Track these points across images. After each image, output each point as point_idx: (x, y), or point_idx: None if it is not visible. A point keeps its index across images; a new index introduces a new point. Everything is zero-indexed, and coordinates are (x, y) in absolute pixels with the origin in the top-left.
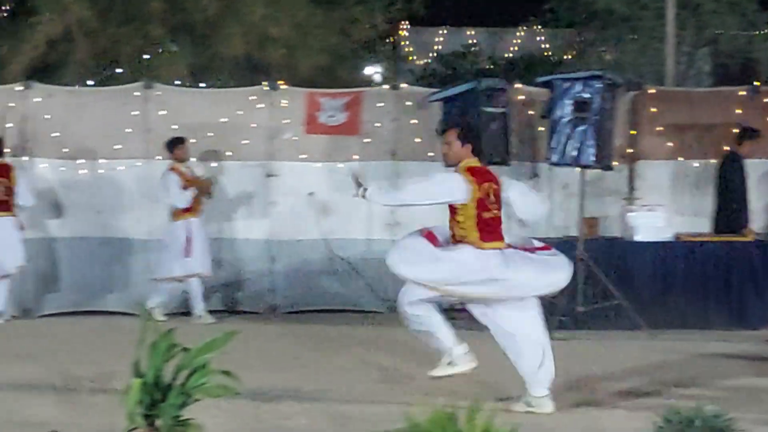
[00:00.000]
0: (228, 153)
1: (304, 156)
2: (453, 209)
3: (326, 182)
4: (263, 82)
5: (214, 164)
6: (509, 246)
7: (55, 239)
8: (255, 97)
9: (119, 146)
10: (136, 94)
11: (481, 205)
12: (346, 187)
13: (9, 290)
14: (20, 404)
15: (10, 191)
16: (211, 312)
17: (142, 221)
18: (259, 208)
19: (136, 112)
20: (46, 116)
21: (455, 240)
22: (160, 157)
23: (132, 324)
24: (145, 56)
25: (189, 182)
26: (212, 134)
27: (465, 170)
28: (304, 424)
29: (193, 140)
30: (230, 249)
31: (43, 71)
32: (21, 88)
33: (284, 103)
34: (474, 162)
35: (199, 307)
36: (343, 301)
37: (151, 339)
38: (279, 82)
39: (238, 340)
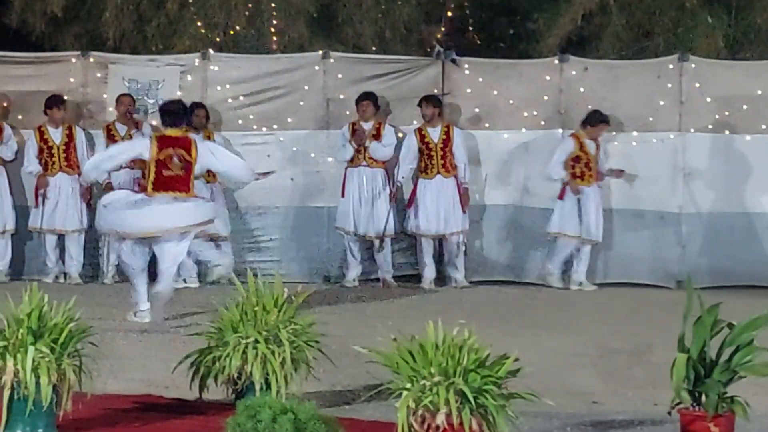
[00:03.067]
0: (764, 126)
1: None
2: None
3: None
4: None
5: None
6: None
7: None
8: None
9: (652, 118)
10: (670, 66)
11: (161, 164)
12: None
13: None
14: (564, 374)
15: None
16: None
17: (676, 193)
18: None
19: (670, 85)
20: (580, 89)
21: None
22: (693, 130)
23: (664, 296)
24: (680, 28)
25: None
26: (746, 107)
27: (154, 137)
28: None
29: (727, 113)
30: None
31: (578, 44)
32: (557, 61)
33: None
34: (171, 132)
35: None
36: None
37: (696, 313)
38: None
39: None
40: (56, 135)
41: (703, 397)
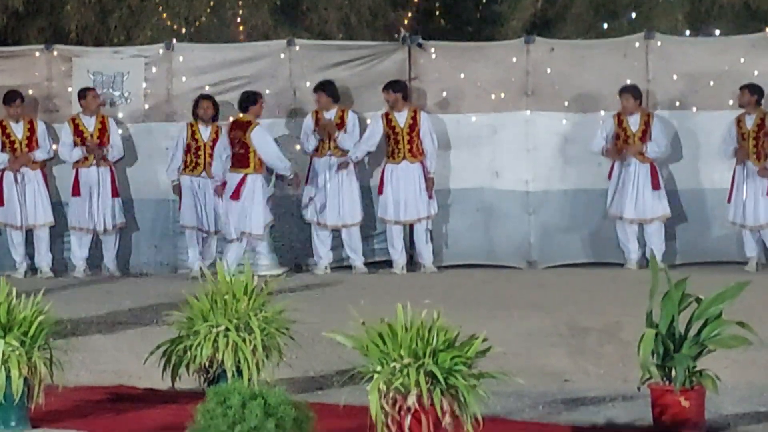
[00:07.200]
0: (731, 101)
1: None
2: None
3: None
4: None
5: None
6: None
7: (556, 192)
8: (756, 46)
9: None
10: (636, 44)
11: (231, 144)
12: None
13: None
14: (535, 353)
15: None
16: None
17: None
18: None
19: (637, 63)
20: (547, 70)
21: None
22: (660, 107)
23: (633, 275)
24: (643, 6)
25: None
26: (713, 83)
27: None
28: None
29: (694, 89)
30: None
31: (542, 26)
32: (523, 43)
33: None
34: (240, 118)
35: None
36: None
37: (662, 289)
38: None
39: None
40: (18, 129)
41: (673, 372)
